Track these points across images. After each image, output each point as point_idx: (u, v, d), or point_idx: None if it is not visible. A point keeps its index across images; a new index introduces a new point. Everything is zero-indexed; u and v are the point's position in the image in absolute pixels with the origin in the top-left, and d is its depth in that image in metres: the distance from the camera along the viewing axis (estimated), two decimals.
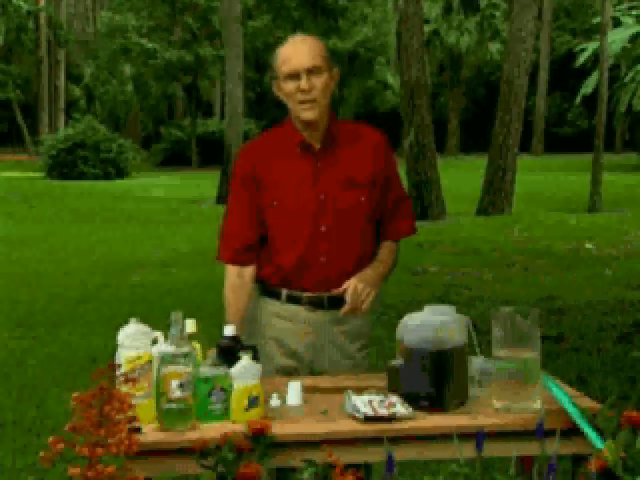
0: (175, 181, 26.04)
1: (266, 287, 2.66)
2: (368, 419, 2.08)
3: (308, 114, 2.55)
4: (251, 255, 2.63)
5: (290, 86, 2.54)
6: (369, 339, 2.76)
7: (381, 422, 2.08)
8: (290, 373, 2.58)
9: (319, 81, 2.54)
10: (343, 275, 2.57)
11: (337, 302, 2.58)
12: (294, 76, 2.53)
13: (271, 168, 2.61)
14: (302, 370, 2.60)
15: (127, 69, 36.08)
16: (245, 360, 2.14)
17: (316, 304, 2.60)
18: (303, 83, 2.51)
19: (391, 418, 2.09)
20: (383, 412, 2.10)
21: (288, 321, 2.62)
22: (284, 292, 2.62)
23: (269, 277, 2.64)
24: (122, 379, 1.97)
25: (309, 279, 2.58)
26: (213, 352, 2.25)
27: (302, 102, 2.53)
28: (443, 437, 2.06)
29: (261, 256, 2.65)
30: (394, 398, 2.18)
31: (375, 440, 2.04)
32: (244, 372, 2.12)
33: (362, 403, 2.13)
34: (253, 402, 2.11)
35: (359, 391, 2.24)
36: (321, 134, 2.60)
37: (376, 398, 2.17)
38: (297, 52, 2.53)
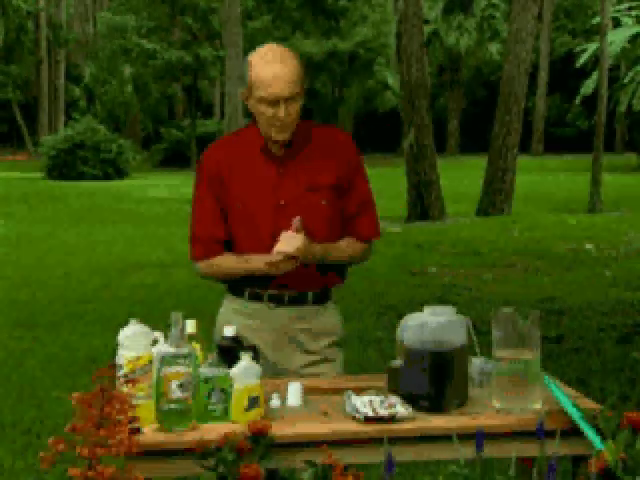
0: (175, 181, 26.03)
1: (230, 285, 2.71)
2: (368, 420, 2.08)
3: (280, 136, 2.55)
4: (221, 249, 2.65)
5: (265, 110, 2.51)
6: (342, 337, 2.74)
7: (381, 423, 2.08)
8: None
9: (295, 105, 2.52)
10: (305, 276, 2.58)
11: (298, 300, 2.61)
12: (273, 102, 2.49)
13: (234, 170, 2.62)
14: (266, 368, 2.50)
15: (127, 69, 36.08)
16: (245, 360, 2.14)
17: (277, 301, 2.62)
18: (281, 112, 2.48)
19: (391, 419, 2.09)
20: (383, 413, 2.10)
21: (250, 319, 2.64)
22: (247, 290, 2.65)
23: None
24: (122, 380, 1.97)
25: (270, 279, 2.59)
26: (213, 355, 2.25)
27: (277, 127, 2.52)
28: (443, 438, 2.06)
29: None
30: (394, 399, 2.18)
31: (375, 441, 2.04)
32: (244, 372, 2.12)
33: (362, 404, 2.13)
34: (253, 402, 2.11)
35: (359, 392, 2.24)
36: (288, 137, 2.58)
37: (376, 399, 2.17)
38: (278, 79, 2.47)
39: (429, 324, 2.20)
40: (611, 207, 16.71)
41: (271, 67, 2.48)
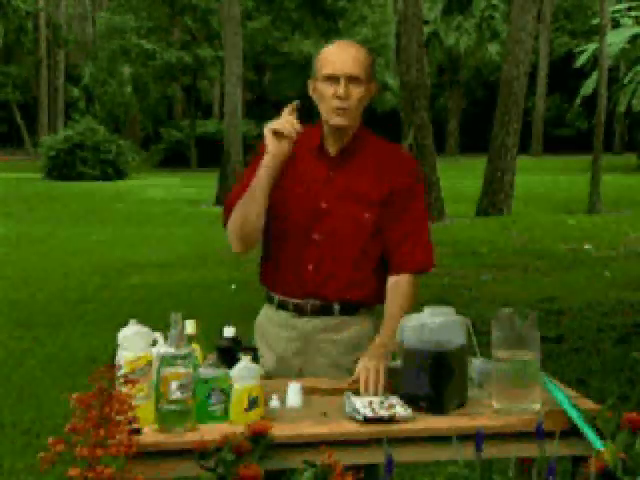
0: (174, 182, 26.04)
1: (266, 291, 2.66)
2: (368, 420, 2.08)
3: (338, 120, 2.49)
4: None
5: (327, 89, 2.47)
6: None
7: (381, 423, 2.08)
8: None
9: (356, 91, 2.47)
10: (330, 287, 2.51)
11: (322, 310, 2.54)
12: (333, 79, 2.46)
13: (287, 161, 2.53)
14: (292, 377, 2.49)
15: (126, 70, 36.07)
16: (245, 361, 2.14)
17: (300, 311, 2.56)
18: (341, 89, 2.45)
19: (391, 419, 2.09)
20: (383, 413, 2.10)
21: (278, 327, 2.60)
22: (276, 297, 2.61)
23: (267, 281, 2.64)
24: (122, 380, 1.97)
25: (296, 286, 2.54)
26: (213, 357, 2.25)
27: (336, 108, 2.48)
28: (442, 438, 2.06)
29: (263, 259, 2.64)
30: (394, 399, 2.18)
31: (375, 441, 2.04)
32: (244, 373, 2.12)
33: (362, 404, 2.13)
34: (253, 403, 2.11)
35: (358, 392, 2.24)
36: (343, 142, 2.53)
37: (376, 399, 2.17)
38: (341, 56, 2.48)
39: (429, 324, 2.19)
40: (611, 207, 16.72)
41: (337, 46, 2.52)
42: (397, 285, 2.52)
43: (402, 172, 2.56)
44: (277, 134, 2.41)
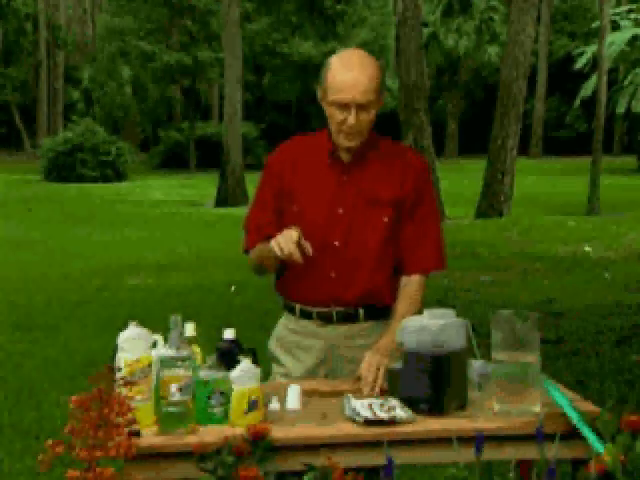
0: (174, 184, 26.05)
1: (284, 300, 2.63)
2: (368, 423, 2.08)
3: (347, 143, 2.48)
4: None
5: (337, 114, 2.44)
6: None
7: (381, 426, 2.08)
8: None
9: (367, 116, 2.44)
10: (353, 293, 2.51)
11: (348, 317, 2.53)
12: (343, 106, 2.42)
13: (298, 171, 2.57)
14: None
15: (126, 72, 36.09)
16: (245, 363, 2.14)
17: (325, 319, 2.54)
18: (352, 119, 2.42)
19: (391, 422, 2.09)
20: (383, 416, 2.09)
21: (302, 336, 2.58)
22: (297, 307, 2.58)
23: (286, 290, 2.61)
24: (121, 382, 1.97)
25: (319, 294, 2.53)
26: (213, 358, 2.25)
27: (345, 133, 2.46)
28: (442, 440, 2.06)
29: (279, 269, 2.56)
30: (394, 402, 2.18)
31: (374, 444, 2.04)
32: (244, 375, 2.12)
33: (362, 407, 2.13)
34: (253, 405, 2.10)
35: (358, 394, 2.24)
36: (355, 148, 2.52)
37: (376, 402, 2.17)
38: (352, 85, 2.40)
39: (428, 327, 2.19)
40: (610, 209, 16.73)
41: (348, 72, 2.42)
42: (406, 286, 2.55)
43: (413, 173, 2.55)
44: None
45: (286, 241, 2.34)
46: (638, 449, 1.92)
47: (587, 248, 12.04)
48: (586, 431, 2.02)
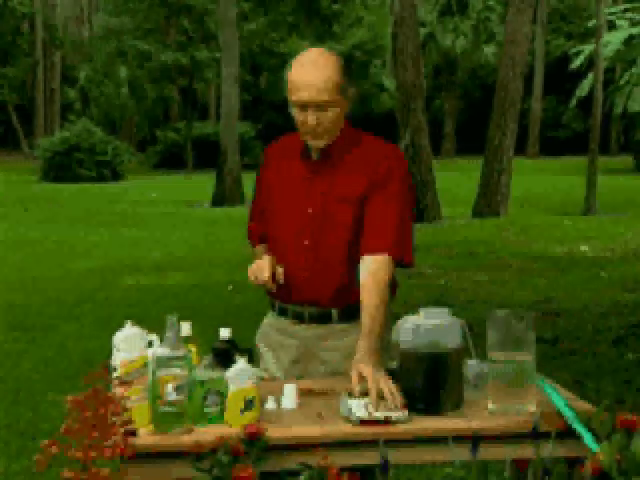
0: (171, 183, 26.03)
1: (268, 297, 2.65)
2: (363, 422, 2.08)
3: (313, 142, 2.47)
4: (260, 241, 2.69)
5: (298, 115, 2.43)
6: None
7: (377, 425, 2.08)
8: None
9: (328, 116, 2.41)
10: (326, 293, 2.50)
11: (320, 317, 2.52)
12: (302, 106, 2.41)
13: (276, 170, 2.59)
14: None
15: (122, 71, 36.05)
16: (241, 363, 2.14)
17: (299, 318, 2.55)
18: (310, 119, 2.40)
19: (386, 421, 2.09)
20: (378, 415, 2.09)
21: (279, 334, 2.60)
22: (277, 304, 2.61)
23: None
24: (117, 382, 1.97)
25: (293, 292, 2.53)
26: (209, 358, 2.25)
27: (309, 134, 2.45)
28: (438, 440, 2.06)
29: None
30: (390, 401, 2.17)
31: (371, 443, 2.04)
32: (240, 375, 2.12)
33: (357, 406, 2.13)
34: (249, 405, 2.11)
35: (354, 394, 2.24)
36: (324, 144, 2.49)
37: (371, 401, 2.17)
38: (307, 83, 2.38)
39: (424, 326, 2.20)
40: (607, 209, 16.74)
41: (304, 71, 2.40)
42: (364, 270, 2.40)
43: (378, 164, 2.48)
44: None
45: (260, 271, 2.44)
46: (633, 448, 1.93)
47: (584, 248, 12.05)
48: (581, 430, 2.02)
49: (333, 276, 2.50)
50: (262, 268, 2.44)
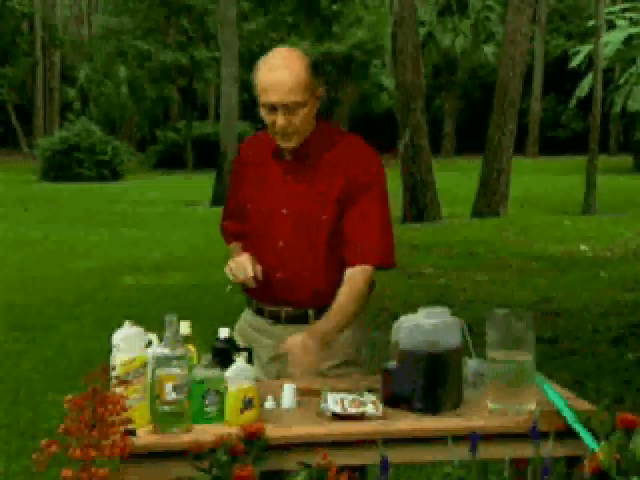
0: (170, 183, 26.03)
1: (245, 295, 2.65)
2: (336, 417, 2.10)
3: (284, 144, 2.45)
4: (232, 238, 2.72)
5: (267, 116, 2.41)
6: (354, 356, 2.57)
7: (376, 424, 2.09)
8: None
9: (297, 115, 2.38)
10: (301, 294, 2.50)
11: (296, 317, 2.52)
12: (271, 108, 2.39)
13: (250, 169, 2.59)
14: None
15: (122, 71, 36.06)
16: (240, 362, 2.14)
17: (275, 318, 2.55)
18: (280, 120, 2.37)
19: (360, 417, 2.10)
20: (352, 411, 2.11)
21: (257, 332, 2.60)
22: (254, 303, 2.61)
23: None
24: (116, 382, 1.97)
25: (269, 293, 2.53)
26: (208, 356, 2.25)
27: (279, 135, 2.43)
28: (437, 439, 2.06)
29: None
30: (368, 398, 2.17)
31: (370, 442, 2.04)
32: (239, 374, 2.12)
33: (334, 402, 2.14)
34: (248, 404, 2.11)
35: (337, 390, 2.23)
36: (295, 145, 2.46)
37: (348, 397, 2.17)
38: (275, 87, 2.35)
39: (424, 325, 2.20)
40: (606, 208, 16.74)
41: (271, 73, 2.37)
42: (349, 278, 2.44)
43: (357, 164, 2.46)
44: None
45: (238, 269, 2.45)
46: (632, 447, 1.93)
47: (583, 247, 12.05)
48: (581, 430, 2.03)
49: (310, 277, 2.49)
50: (242, 266, 2.45)
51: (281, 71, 2.37)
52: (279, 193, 2.50)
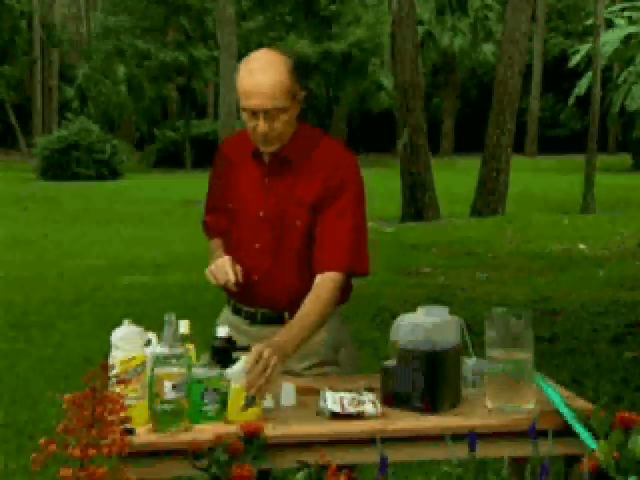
0: (169, 182, 26.02)
1: (225, 293, 2.65)
2: (335, 416, 2.10)
3: (265, 148, 2.45)
4: (213, 234, 2.72)
5: (248, 120, 2.40)
6: (329, 356, 2.55)
7: (375, 423, 2.09)
8: None
9: (279, 121, 2.37)
10: (276, 296, 2.50)
11: (272, 319, 2.52)
12: (253, 112, 2.36)
13: (231, 168, 2.58)
14: None
15: (121, 70, 36.04)
16: (243, 360, 2.14)
17: (251, 319, 2.56)
18: (261, 125, 2.36)
19: (359, 416, 2.10)
20: (351, 410, 2.11)
21: (235, 331, 2.57)
22: (232, 302, 2.63)
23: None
24: (115, 381, 1.97)
25: (247, 294, 2.53)
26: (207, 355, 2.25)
27: (260, 139, 2.42)
28: (436, 438, 2.06)
29: None
30: (367, 397, 2.17)
31: (369, 441, 2.04)
32: (241, 372, 2.12)
33: (333, 400, 2.14)
34: (250, 402, 2.11)
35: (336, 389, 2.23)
36: (276, 149, 2.46)
37: (347, 396, 2.17)
38: (256, 92, 2.33)
39: (423, 324, 2.20)
40: (605, 207, 16.75)
41: (252, 78, 2.34)
42: (317, 286, 2.40)
43: (334, 168, 2.45)
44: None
45: (219, 272, 2.45)
46: (631, 446, 1.93)
47: (582, 246, 12.06)
48: (579, 428, 2.03)
49: (286, 280, 2.49)
50: (223, 269, 2.45)
51: (262, 75, 2.33)
52: (257, 195, 2.50)
